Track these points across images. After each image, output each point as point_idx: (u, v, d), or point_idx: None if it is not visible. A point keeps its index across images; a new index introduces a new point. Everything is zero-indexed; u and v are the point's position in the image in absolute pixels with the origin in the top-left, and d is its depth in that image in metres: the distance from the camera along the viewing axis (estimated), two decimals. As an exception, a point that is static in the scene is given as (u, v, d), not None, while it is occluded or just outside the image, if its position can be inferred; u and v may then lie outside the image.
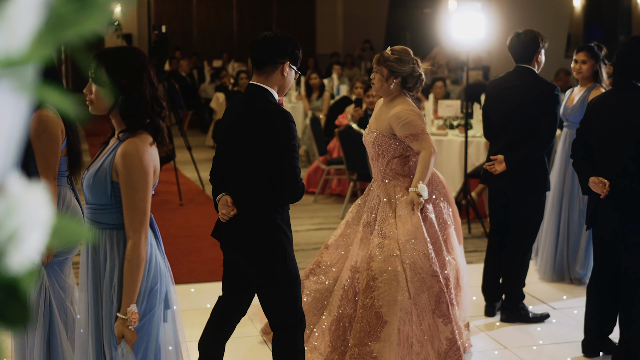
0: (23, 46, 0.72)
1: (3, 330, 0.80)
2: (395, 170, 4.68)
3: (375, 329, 4.47)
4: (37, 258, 0.83)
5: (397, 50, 4.67)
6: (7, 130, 0.76)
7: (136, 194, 2.92)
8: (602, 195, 4.59)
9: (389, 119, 4.61)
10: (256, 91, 3.79)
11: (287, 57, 3.79)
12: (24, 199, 0.80)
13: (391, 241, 4.56)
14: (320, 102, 11.95)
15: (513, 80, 5.50)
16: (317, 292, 4.84)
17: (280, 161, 3.67)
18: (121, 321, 2.92)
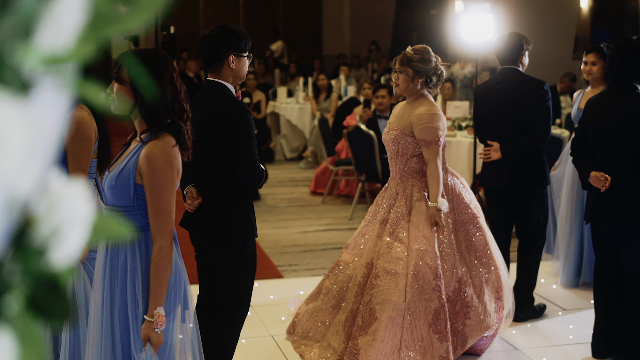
0: (68, 43, 0.73)
1: (45, 325, 0.81)
2: (413, 169, 4.73)
3: (367, 324, 4.52)
4: (77, 254, 0.84)
5: (419, 49, 4.72)
6: (50, 127, 0.76)
7: (161, 196, 2.92)
8: (602, 189, 4.61)
9: (412, 118, 4.66)
10: (211, 86, 3.97)
11: (229, 50, 3.93)
12: (65, 196, 0.81)
13: (400, 245, 4.59)
14: (328, 103, 11.95)
15: (500, 82, 5.56)
16: (333, 291, 4.90)
17: (238, 149, 3.82)
18: (148, 324, 2.92)
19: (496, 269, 4.89)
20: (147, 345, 2.92)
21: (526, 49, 5.54)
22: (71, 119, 3.63)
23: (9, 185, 0.73)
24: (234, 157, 3.84)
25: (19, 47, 0.69)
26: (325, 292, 4.94)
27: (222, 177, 3.91)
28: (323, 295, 4.95)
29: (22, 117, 0.71)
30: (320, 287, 5.04)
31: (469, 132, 8.69)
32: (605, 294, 4.88)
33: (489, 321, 4.81)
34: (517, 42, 5.52)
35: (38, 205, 0.79)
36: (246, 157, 3.83)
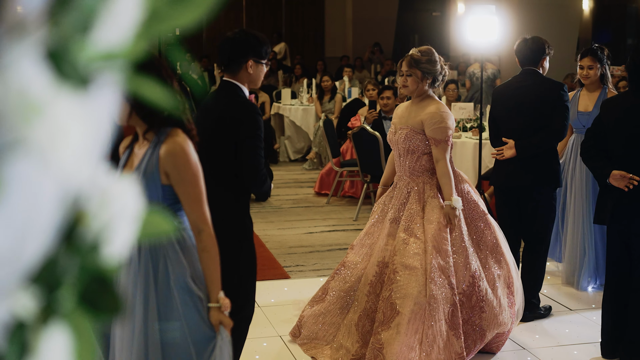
0: (124, 40, 0.74)
1: (96, 320, 0.82)
2: (424, 167, 4.79)
3: (389, 319, 4.54)
4: (127, 250, 0.85)
5: (425, 51, 4.82)
6: (103, 123, 0.77)
7: (195, 187, 2.94)
8: (626, 189, 4.62)
9: (423, 116, 4.72)
10: (226, 86, 3.99)
11: (250, 54, 3.95)
12: (116, 191, 0.82)
13: (417, 240, 4.63)
14: (332, 105, 11.96)
15: (520, 81, 5.62)
16: (341, 292, 4.91)
17: (244, 149, 3.84)
18: (216, 309, 2.98)
19: (507, 265, 4.92)
20: (221, 329, 2.99)
21: (548, 53, 5.61)
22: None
23: (65, 180, 0.74)
24: (239, 158, 3.86)
25: (79, 43, 0.70)
26: (332, 294, 4.96)
27: (224, 178, 3.91)
28: (330, 297, 4.96)
29: (81, 113, 0.72)
30: (325, 289, 5.04)
31: (473, 134, 8.70)
32: (616, 293, 4.88)
33: (504, 316, 4.85)
34: (540, 45, 5.60)
35: (90, 201, 0.80)
36: (251, 158, 3.85)
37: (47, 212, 0.74)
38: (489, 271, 4.83)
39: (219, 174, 3.91)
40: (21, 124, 0.68)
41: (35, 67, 0.68)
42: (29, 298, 0.75)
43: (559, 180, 5.58)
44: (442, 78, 4.82)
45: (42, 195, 0.73)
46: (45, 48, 0.68)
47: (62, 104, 0.70)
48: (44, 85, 0.68)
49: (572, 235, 6.33)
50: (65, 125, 0.70)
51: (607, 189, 4.79)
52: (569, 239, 6.36)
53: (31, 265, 0.75)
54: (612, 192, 4.74)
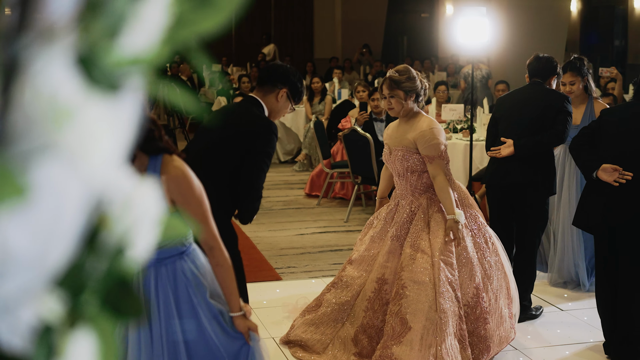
0: (151, 46, 0.74)
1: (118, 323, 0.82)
2: (426, 184, 4.81)
3: (400, 334, 4.53)
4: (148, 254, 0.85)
5: (402, 70, 4.86)
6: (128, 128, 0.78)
7: (202, 205, 2.97)
8: (615, 184, 4.66)
9: (415, 135, 4.74)
10: (251, 101, 4.09)
11: (287, 85, 4.08)
12: (138, 195, 0.82)
13: (424, 255, 4.65)
14: (323, 106, 11.98)
15: (525, 90, 5.74)
16: (336, 305, 4.92)
17: (250, 162, 3.87)
18: (241, 317, 3.05)
19: (506, 274, 4.94)
20: (251, 333, 3.06)
21: (558, 73, 5.74)
22: None
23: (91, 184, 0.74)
24: (243, 169, 3.87)
25: (108, 48, 0.70)
26: (326, 305, 4.96)
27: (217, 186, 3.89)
28: (324, 308, 4.96)
29: (109, 117, 0.72)
30: (320, 300, 5.04)
31: (464, 135, 8.73)
32: (608, 293, 4.92)
33: (506, 326, 4.89)
34: (552, 64, 5.73)
35: (113, 205, 0.80)
36: (255, 173, 3.88)
37: (73, 216, 0.74)
38: (492, 281, 4.85)
39: (213, 179, 3.88)
40: (51, 128, 0.68)
41: (65, 72, 0.68)
42: (55, 302, 0.75)
43: (553, 186, 5.60)
44: (423, 92, 4.85)
45: (69, 199, 0.73)
46: (75, 53, 0.69)
47: (91, 109, 0.70)
48: (74, 90, 0.69)
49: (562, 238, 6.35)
50: (94, 130, 0.71)
51: (590, 191, 4.84)
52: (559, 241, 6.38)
53: (57, 269, 0.75)
54: (597, 193, 4.78)
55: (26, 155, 0.68)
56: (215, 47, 22.21)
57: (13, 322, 0.72)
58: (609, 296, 4.92)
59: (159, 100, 4.08)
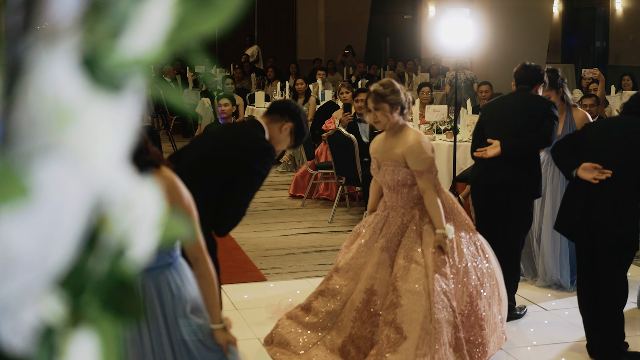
0: (153, 47, 0.74)
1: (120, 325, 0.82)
2: (417, 196, 4.82)
3: (395, 342, 4.55)
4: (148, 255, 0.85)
5: (386, 83, 4.89)
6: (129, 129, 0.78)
7: (189, 218, 2.97)
8: (595, 181, 4.71)
9: (404, 150, 4.76)
10: (256, 124, 4.13)
11: (294, 121, 4.14)
12: (138, 196, 0.82)
13: (417, 266, 4.66)
14: (306, 108, 11.98)
15: (512, 97, 5.78)
16: (325, 314, 4.92)
17: (243, 179, 3.87)
18: (221, 330, 3.06)
19: (497, 280, 4.96)
20: (230, 347, 3.08)
21: (545, 82, 5.78)
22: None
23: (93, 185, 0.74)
24: (234, 185, 3.86)
25: (111, 49, 0.71)
26: (314, 314, 4.96)
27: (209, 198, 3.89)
28: (312, 317, 4.95)
29: (111, 118, 0.72)
30: (308, 307, 5.02)
31: (447, 136, 8.76)
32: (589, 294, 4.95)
33: (499, 331, 4.93)
34: (539, 74, 5.76)
35: (114, 206, 0.80)
36: (244, 191, 3.88)
37: (74, 217, 0.74)
38: (485, 288, 4.87)
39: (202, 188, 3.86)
40: (54, 129, 0.68)
41: (68, 73, 0.68)
42: (56, 303, 0.75)
43: (538, 189, 5.63)
44: (407, 105, 4.86)
45: (71, 200, 0.73)
46: (78, 54, 0.69)
47: (94, 110, 0.70)
48: (77, 91, 0.69)
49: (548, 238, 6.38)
50: (97, 131, 0.71)
51: (570, 191, 4.89)
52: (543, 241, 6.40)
53: (58, 270, 0.75)
54: (576, 192, 4.83)
55: (29, 156, 0.68)
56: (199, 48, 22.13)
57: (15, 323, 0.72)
58: (590, 297, 4.95)
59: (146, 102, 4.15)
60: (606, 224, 4.75)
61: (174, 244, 3.04)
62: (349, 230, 8.08)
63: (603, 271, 4.82)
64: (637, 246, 4.86)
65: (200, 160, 3.97)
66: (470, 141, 8.08)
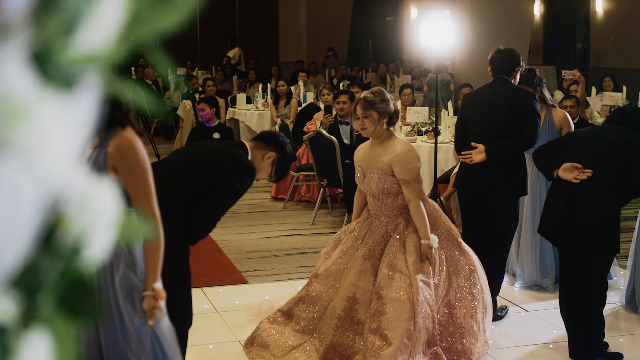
0: (107, 43, 0.74)
1: (74, 324, 0.81)
2: (402, 205, 4.84)
3: (379, 348, 4.55)
4: (106, 253, 0.84)
5: (377, 91, 4.91)
6: (84, 126, 0.77)
7: (144, 179, 2.97)
8: (575, 181, 4.73)
9: (390, 159, 4.77)
10: (239, 144, 4.11)
11: (279, 152, 4.11)
12: (95, 195, 0.82)
13: (402, 275, 4.68)
14: (288, 110, 11.97)
15: (491, 89, 5.67)
16: (306, 320, 4.92)
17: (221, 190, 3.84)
18: (149, 297, 3.04)
19: (481, 288, 4.96)
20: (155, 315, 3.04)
21: (521, 65, 5.69)
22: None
23: (47, 183, 0.74)
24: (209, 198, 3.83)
25: (63, 45, 0.70)
26: (296, 321, 4.96)
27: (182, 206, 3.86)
28: (294, 324, 4.94)
29: (64, 115, 0.71)
30: (290, 314, 5.00)
31: (429, 137, 8.78)
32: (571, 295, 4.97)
33: (481, 339, 4.93)
34: (514, 57, 5.67)
35: (70, 204, 0.79)
36: (217, 203, 3.85)
37: (28, 216, 0.73)
38: (466, 298, 4.87)
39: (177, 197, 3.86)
40: (5, 126, 0.67)
41: (20, 69, 0.67)
42: (9, 302, 0.74)
43: (524, 187, 5.64)
44: (396, 115, 4.88)
45: (24, 198, 0.72)
46: (29, 50, 0.68)
47: (46, 106, 0.69)
48: (29, 87, 0.68)
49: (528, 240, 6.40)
50: (49, 128, 0.70)
51: (552, 191, 4.92)
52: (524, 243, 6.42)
53: (11, 269, 0.74)
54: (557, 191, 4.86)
55: (-21, 154, 0.67)
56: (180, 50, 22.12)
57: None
58: (572, 299, 4.97)
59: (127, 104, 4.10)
60: (587, 223, 4.77)
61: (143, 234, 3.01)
62: (330, 232, 8.08)
63: (585, 272, 4.84)
64: (618, 247, 4.87)
65: (181, 169, 3.95)
66: (452, 142, 8.13)
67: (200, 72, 18.04)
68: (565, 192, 4.84)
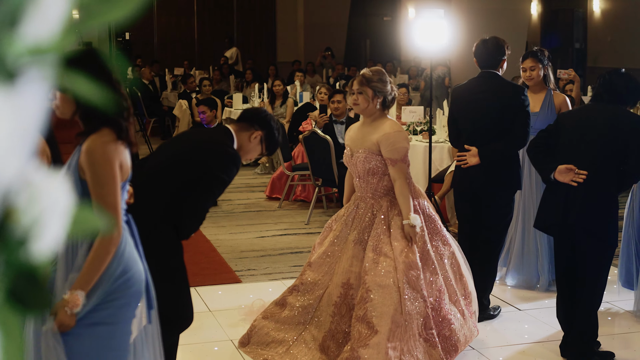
0: (52, 35, 0.74)
1: (23, 316, 0.81)
2: (387, 187, 4.82)
3: (366, 337, 4.54)
4: (57, 247, 0.84)
5: (376, 71, 4.88)
6: (32, 118, 0.77)
7: (102, 188, 2.88)
8: (573, 183, 4.70)
9: (379, 138, 4.74)
10: (225, 131, 4.03)
11: (264, 130, 4.03)
12: (45, 187, 0.81)
13: (386, 259, 4.66)
14: (284, 109, 11.98)
15: (480, 85, 5.62)
16: (299, 309, 4.91)
17: (203, 182, 3.78)
18: (61, 302, 2.86)
19: (462, 277, 4.97)
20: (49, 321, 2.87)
21: (507, 54, 5.63)
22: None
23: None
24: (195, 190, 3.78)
25: (6, 37, 0.70)
26: (290, 309, 4.95)
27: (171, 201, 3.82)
28: (288, 312, 4.94)
29: (7, 107, 0.71)
30: (283, 303, 5.00)
31: (423, 137, 8.77)
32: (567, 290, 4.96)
33: (469, 325, 4.93)
34: (499, 47, 5.60)
35: (19, 197, 0.79)
36: (203, 196, 3.80)
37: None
38: (451, 285, 4.88)
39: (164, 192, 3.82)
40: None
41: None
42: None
43: (519, 183, 5.64)
44: (391, 99, 4.86)
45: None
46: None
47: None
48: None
49: (522, 238, 6.40)
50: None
51: (550, 191, 4.87)
52: (517, 242, 6.42)
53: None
54: (555, 193, 4.82)
55: None
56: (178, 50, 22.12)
57: None
58: (568, 298, 4.96)
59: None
60: (587, 225, 4.74)
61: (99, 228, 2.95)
62: (325, 231, 8.07)
63: (590, 271, 4.80)
64: (616, 243, 4.84)
65: (165, 164, 3.91)
66: (447, 141, 8.12)
67: (197, 72, 18.04)
68: (562, 195, 4.81)
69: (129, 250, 3.00)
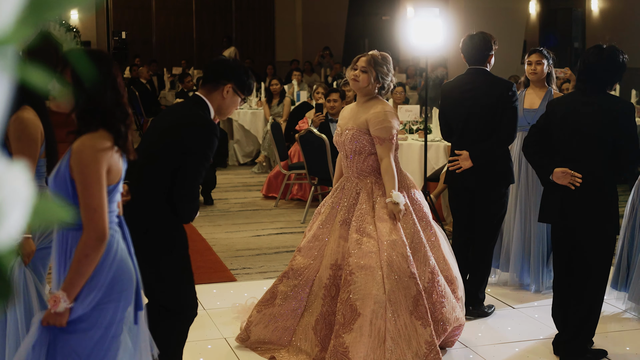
0: (6, 26, 0.74)
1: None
2: (372, 167, 4.87)
3: (350, 321, 4.57)
4: (19, 236, 0.85)
5: (385, 57, 4.94)
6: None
7: (86, 189, 2.85)
8: (571, 186, 4.68)
9: (368, 116, 4.81)
10: (196, 100, 3.96)
11: (232, 80, 3.93)
12: (6, 177, 0.82)
13: (370, 239, 4.68)
14: (281, 108, 11.98)
15: (469, 82, 5.63)
16: (291, 295, 4.93)
17: (188, 163, 3.75)
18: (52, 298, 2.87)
19: (447, 262, 4.99)
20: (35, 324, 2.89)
21: (494, 49, 5.63)
22: (16, 119, 3.63)
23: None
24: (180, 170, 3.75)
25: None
26: (282, 297, 4.95)
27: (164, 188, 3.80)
28: (280, 300, 4.95)
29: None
30: (274, 293, 5.02)
31: (419, 136, 8.78)
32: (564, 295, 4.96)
33: (458, 310, 4.96)
34: (486, 42, 5.60)
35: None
36: (191, 174, 3.76)
37: None
38: (442, 268, 4.92)
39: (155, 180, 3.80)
40: None
41: None
42: None
43: (512, 177, 5.67)
44: (388, 88, 4.92)
45: None
46: None
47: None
48: None
49: (518, 237, 6.39)
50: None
51: (551, 187, 4.86)
52: (514, 240, 6.42)
53: None
54: (555, 190, 4.81)
55: None
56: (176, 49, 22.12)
57: None
58: (565, 297, 4.96)
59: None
60: (590, 222, 4.73)
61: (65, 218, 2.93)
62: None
63: (595, 267, 4.78)
64: (618, 230, 4.82)
65: (147, 152, 3.86)
66: (442, 140, 8.13)
67: (196, 72, 18.03)
68: (558, 197, 4.81)
69: (120, 254, 3.00)
